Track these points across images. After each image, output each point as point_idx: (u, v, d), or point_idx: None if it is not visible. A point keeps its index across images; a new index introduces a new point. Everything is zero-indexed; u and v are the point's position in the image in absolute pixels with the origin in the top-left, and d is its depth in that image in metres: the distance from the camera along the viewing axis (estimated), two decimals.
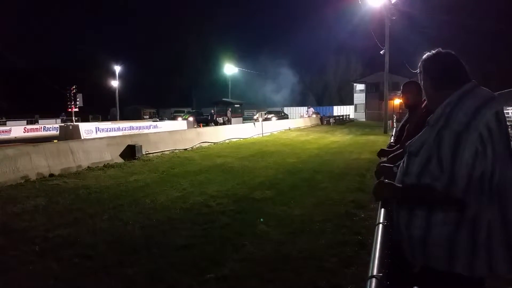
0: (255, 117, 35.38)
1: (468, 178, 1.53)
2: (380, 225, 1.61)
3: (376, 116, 46.22)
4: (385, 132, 25.01)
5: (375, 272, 1.22)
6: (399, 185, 1.77)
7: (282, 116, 42.45)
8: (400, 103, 39.21)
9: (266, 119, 33.05)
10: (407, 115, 3.47)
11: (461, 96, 1.69)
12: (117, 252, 4.71)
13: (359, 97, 55.95)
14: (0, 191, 8.14)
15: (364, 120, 50.96)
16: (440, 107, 1.72)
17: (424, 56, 1.90)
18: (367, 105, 53.36)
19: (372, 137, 22.05)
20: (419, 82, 1.99)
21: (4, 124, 36.37)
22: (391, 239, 1.70)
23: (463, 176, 1.53)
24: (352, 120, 48.64)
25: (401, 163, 1.88)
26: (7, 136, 27.14)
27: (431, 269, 1.64)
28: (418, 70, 1.97)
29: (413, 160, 1.75)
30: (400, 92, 3.57)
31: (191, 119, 36.52)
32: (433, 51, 1.87)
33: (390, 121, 27.28)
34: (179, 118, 39.63)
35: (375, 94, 50.08)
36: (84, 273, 4.11)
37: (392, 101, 36.38)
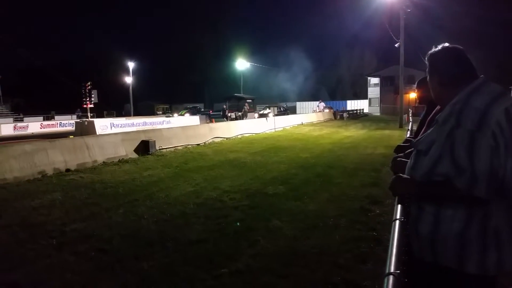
0: (255, 115, 31.92)
1: (488, 176, 1.51)
2: (397, 221, 1.59)
3: (391, 110, 45.59)
4: (401, 126, 24.67)
5: (392, 269, 1.20)
6: (416, 180, 1.74)
7: (281, 111, 38.81)
8: (415, 97, 38.54)
9: (262, 115, 31.25)
10: (425, 109, 3.39)
11: (470, 93, 1.66)
12: (132, 246, 4.77)
13: (374, 91, 55.22)
14: (19, 186, 8.32)
15: (378, 114, 50.33)
16: (449, 105, 1.69)
17: (430, 52, 1.86)
18: (382, 99, 52.65)
19: (387, 132, 21.78)
20: (426, 78, 1.95)
21: (21, 120, 37.00)
22: (407, 236, 1.67)
23: (483, 174, 1.51)
24: (366, 115, 48.13)
25: (410, 159, 1.86)
26: (24, 132, 27.65)
27: (441, 267, 1.63)
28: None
29: (422, 159, 1.73)
30: (415, 86, 3.50)
31: (187, 115, 36.22)
32: (439, 46, 1.84)
33: (406, 115, 26.88)
34: (175, 114, 39.03)
35: (390, 88, 49.40)
36: (100, 267, 4.17)
37: (407, 95, 35.80)
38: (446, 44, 1.82)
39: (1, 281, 3.83)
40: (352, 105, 56.90)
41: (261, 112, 34.28)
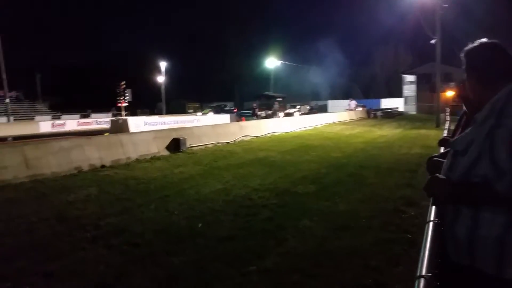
0: (281, 114, 31.31)
1: None
2: (431, 223, 1.52)
3: (427, 109, 44.16)
4: (437, 126, 23.85)
5: (424, 272, 1.15)
6: (453, 181, 1.66)
7: (309, 110, 37.47)
8: (453, 95, 37.07)
9: (287, 114, 30.89)
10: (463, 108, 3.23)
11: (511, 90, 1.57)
12: (164, 241, 4.85)
13: (409, 89, 53.73)
14: (56, 181, 8.65)
15: (414, 113, 48.95)
16: (488, 104, 1.60)
17: (467, 48, 1.77)
18: (418, 97, 51.13)
19: (423, 131, 21.10)
20: (464, 75, 1.86)
21: (59, 118, 38.49)
22: (441, 238, 1.61)
23: None
24: (401, 113, 46.87)
25: (447, 160, 1.78)
26: (62, 129, 28.73)
27: (478, 272, 1.54)
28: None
29: (459, 159, 1.65)
30: (453, 83, 3.34)
31: (211, 114, 36.15)
32: (476, 42, 1.74)
33: (443, 114, 25.96)
34: (199, 113, 38.84)
35: (426, 86, 47.85)
36: (132, 260, 4.27)
37: (444, 93, 34.48)
38: (484, 40, 1.73)
39: (38, 272, 3.97)
40: (387, 103, 55.56)
41: (287, 111, 33.85)
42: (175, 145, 13.18)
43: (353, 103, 41.56)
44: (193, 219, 5.69)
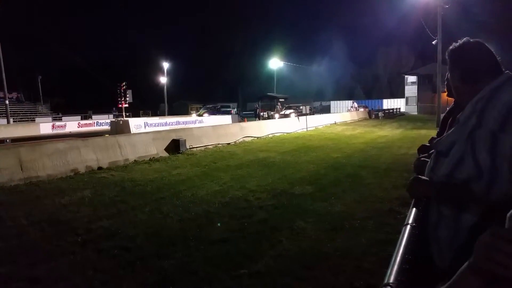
0: (276, 116, 31.34)
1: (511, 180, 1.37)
2: (408, 226, 1.43)
3: (428, 110, 44.08)
4: (438, 126, 23.79)
5: (391, 280, 1.05)
6: (435, 183, 1.61)
7: (308, 111, 37.23)
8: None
9: (284, 116, 30.73)
10: (452, 105, 3.15)
11: (494, 90, 1.51)
12: (155, 244, 4.78)
13: (411, 90, 53.68)
14: (51, 183, 8.59)
15: (416, 113, 48.87)
16: (470, 103, 1.55)
17: (451, 47, 1.73)
18: (419, 98, 51.04)
19: (423, 132, 21.00)
20: (447, 75, 1.83)
21: (60, 119, 38.40)
22: (417, 242, 1.54)
23: (505, 177, 1.37)
24: (403, 114, 46.82)
25: (430, 161, 1.73)
26: (62, 131, 28.57)
27: None
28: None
29: (442, 160, 1.61)
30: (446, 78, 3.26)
31: (206, 115, 35.83)
32: (460, 41, 1.71)
33: (443, 114, 25.86)
34: (194, 114, 38.23)
35: (428, 86, 47.74)
36: (122, 265, 4.19)
37: (445, 93, 34.42)
38: (468, 38, 1.70)
39: (23, 277, 3.89)
40: (389, 104, 55.52)
41: (282, 112, 33.67)
42: (175, 146, 13.12)
43: (355, 104, 41.85)
44: (187, 222, 5.62)
